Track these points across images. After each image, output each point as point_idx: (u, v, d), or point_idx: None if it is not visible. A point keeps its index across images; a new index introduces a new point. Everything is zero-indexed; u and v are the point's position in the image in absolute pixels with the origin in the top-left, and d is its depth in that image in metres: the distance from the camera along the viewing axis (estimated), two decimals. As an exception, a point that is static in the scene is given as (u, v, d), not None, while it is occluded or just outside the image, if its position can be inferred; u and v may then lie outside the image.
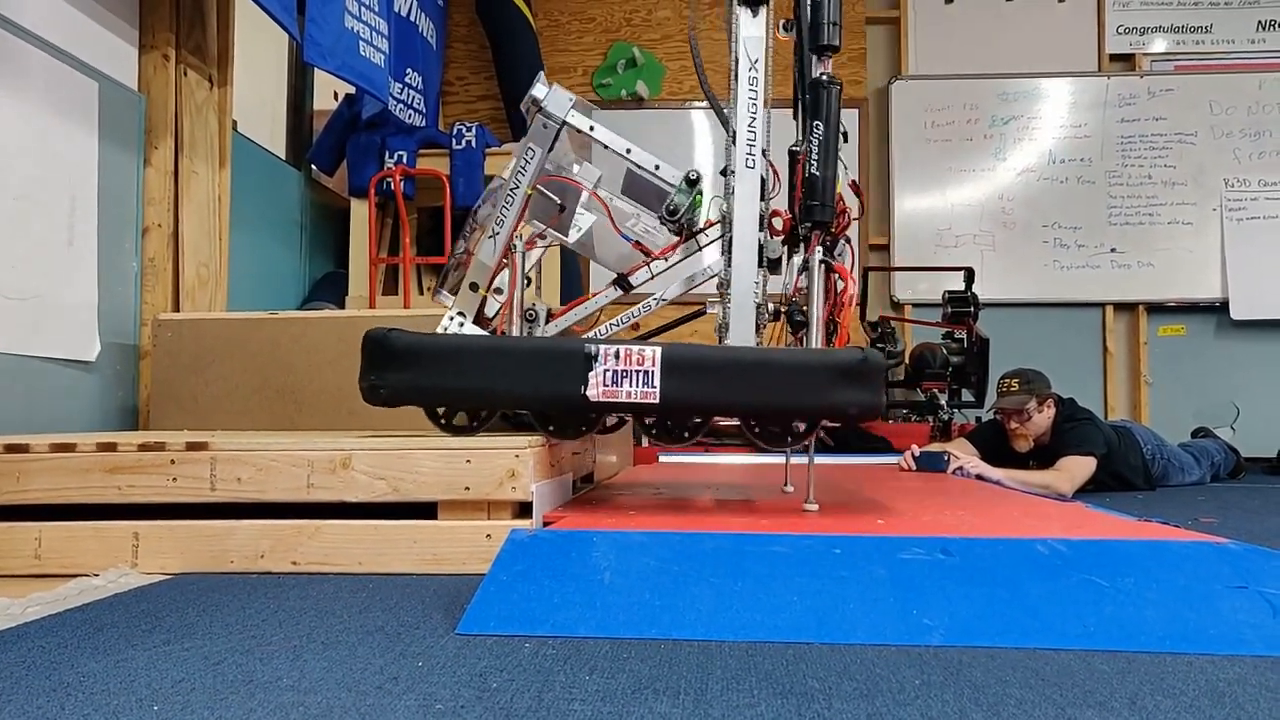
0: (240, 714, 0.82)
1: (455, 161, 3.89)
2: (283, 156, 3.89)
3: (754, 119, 1.70)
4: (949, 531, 1.42)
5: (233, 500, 1.53)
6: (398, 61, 3.98)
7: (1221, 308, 4.95)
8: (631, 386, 1.50)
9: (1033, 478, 2.93)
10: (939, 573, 1.20)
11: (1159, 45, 5.14)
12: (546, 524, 1.53)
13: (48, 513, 1.54)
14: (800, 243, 1.75)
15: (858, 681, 0.92)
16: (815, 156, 1.64)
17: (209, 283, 2.89)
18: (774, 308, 1.79)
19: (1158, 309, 5.05)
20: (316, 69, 3.68)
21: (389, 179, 3.81)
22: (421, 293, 3.97)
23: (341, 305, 3.86)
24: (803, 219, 1.67)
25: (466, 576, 1.43)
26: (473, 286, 1.82)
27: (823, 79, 1.66)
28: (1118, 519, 1.75)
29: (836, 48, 1.67)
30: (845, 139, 1.68)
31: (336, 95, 4.26)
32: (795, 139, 1.74)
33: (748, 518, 1.57)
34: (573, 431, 1.67)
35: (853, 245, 1.80)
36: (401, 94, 4.11)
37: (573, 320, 1.91)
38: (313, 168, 4.09)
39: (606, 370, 1.51)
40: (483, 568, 1.27)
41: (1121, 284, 5.03)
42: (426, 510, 1.53)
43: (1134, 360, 5.05)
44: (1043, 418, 3.18)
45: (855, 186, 1.75)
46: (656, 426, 1.63)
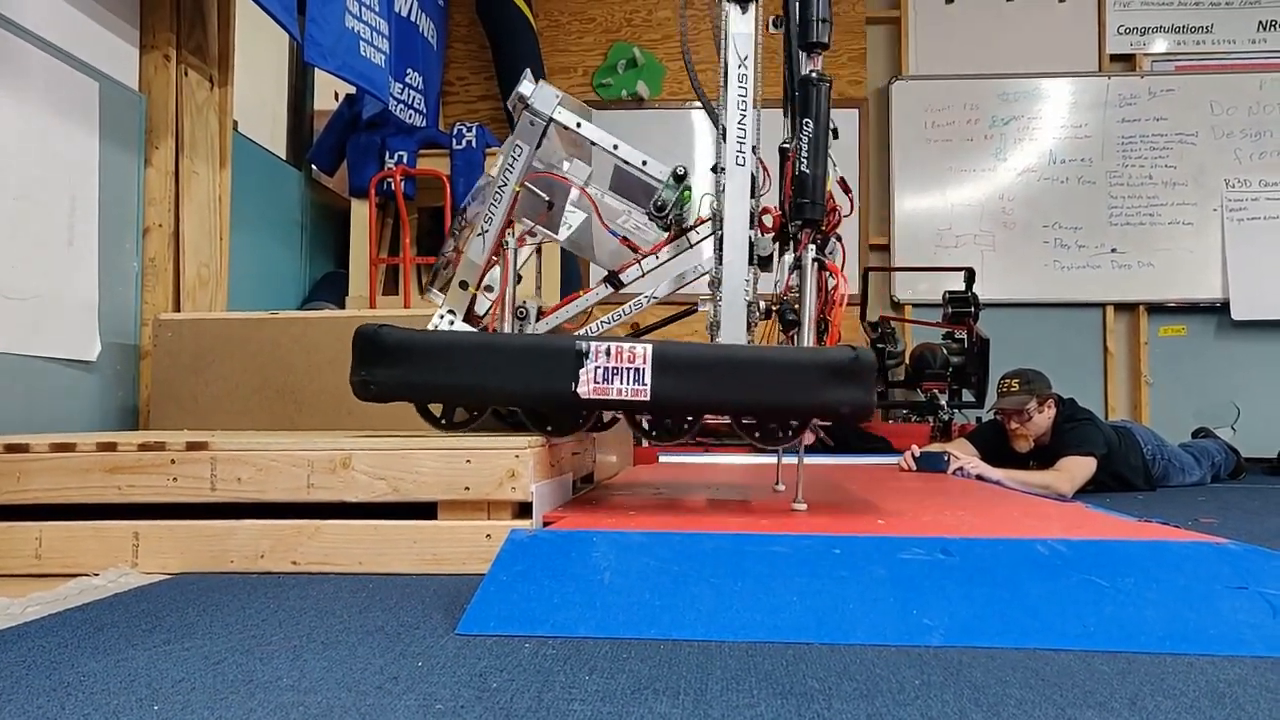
0: (240, 714, 0.82)
1: (455, 162, 3.90)
2: (283, 157, 3.89)
3: (744, 116, 1.69)
4: (949, 532, 1.42)
5: (233, 500, 1.53)
6: (398, 61, 3.98)
7: (1222, 308, 4.95)
8: (622, 384, 1.50)
9: (1033, 478, 2.92)
10: (939, 573, 1.20)
11: (1160, 45, 5.14)
12: (546, 524, 1.53)
13: (48, 512, 1.54)
14: (791, 240, 1.74)
15: (858, 682, 0.92)
16: (805, 154, 1.63)
17: (209, 283, 2.89)
18: (765, 306, 1.78)
19: (1158, 309, 5.05)
20: (317, 69, 3.68)
21: (389, 179, 3.82)
22: (422, 293, 3.97)
23: (342, 305, 3.86)
24: (793, 216, 1.67)
25: (466, 576, 1.43)
26: (462, 284, 1.82)
27: (812, 76, 1.65)
28: (1118, 519, 1.75)
29: (826, 45, 1.66)
30: (835, 136, 1.68)
31: (337, 95, 4.26)
32: (785, 136, 1.74)
33: (747, 518, 1.57)
34: (564, 429, 1.66)
35: (843, 243, 1.80)
36: (402, 94, 4.12)
37: (564, 318, 1.90)
38: (313, 168, 4.09)
39: (597, 367, 1.50)
40: (482, 568, 1.27)
41: (1122, 284, 5.03)
42: (426, 510, 1.53)
43: (1134, 360, 5.05)
44: (1043, 418, 3.18)
45: (844, 184, 1.74)
46: (647, 424, 1.62)
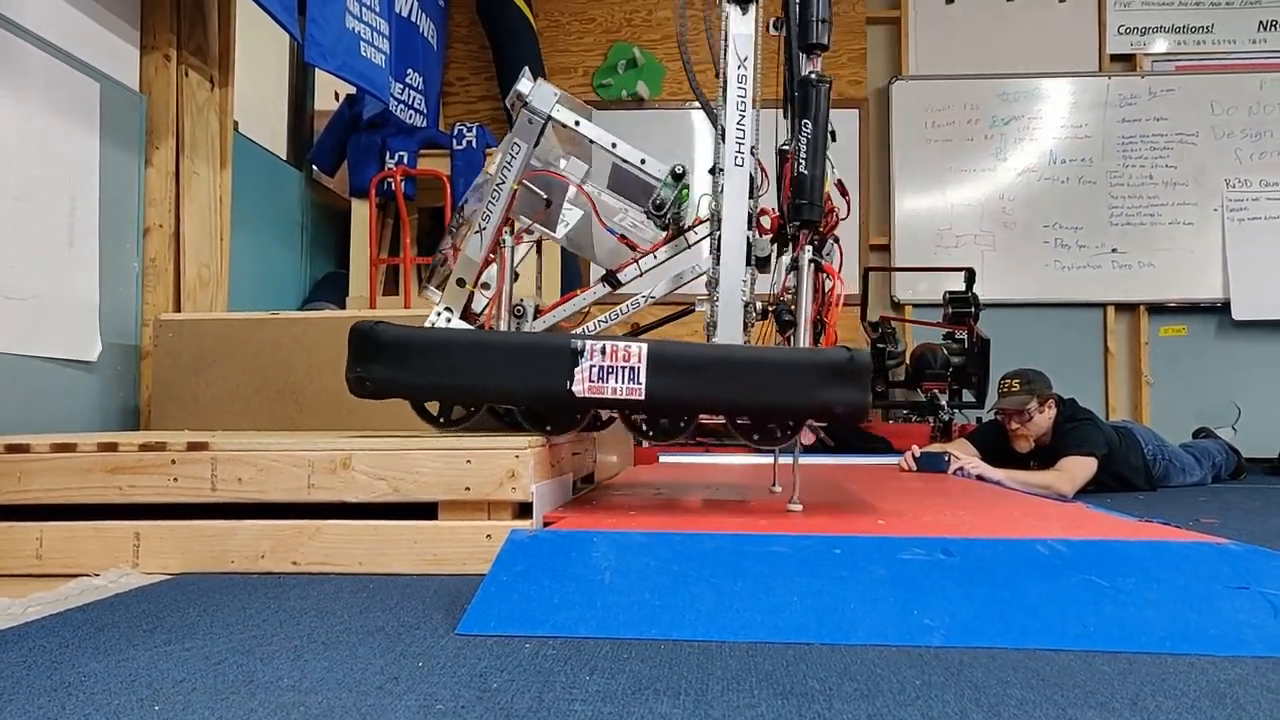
0: (241, 714, 0.82)
1: (456, 162, 3.90)
2: (284, 157, 3.89)
3: (743, 117, 1.69)
4: (949, 532, 1.42)
5: (233, 500, 1.53)
6: (398, 62, 3.98)
7: (1223, 308, 4.95)
8: (617, 383, 1.50)
9: (1033, 478, 2.92)
10: (939, 573, 1.20)
11: (1160, 45, 5.14)
12: (547, 524, 1.53)
13: (49, 513, 1.54)
14: (788, 242, 1.74)
15: (858, 682, 0.92)
16: (803, 155, 1.63)
17: (210, 283, 2.89)
18: (762, 306, 1.78)
19: (1159, 309, 5.05)
20: (317, 69, 3.68)
21: (390, 179, 3.82)
22: (422, 293, 3.97)
23: (342, 305, 3.87)
24: (791, 218, 1.66)
25: (467, 577, 1.43)
26: (459, 281, 1.82)
27: (811, 77, 1.65)
28: (1118, 519, 1.75)
29: (825, 46, 1.66)
30: (833, 138, 1.67)
31: (337, 96, 4.26)
32: (785, 138, 1.73)
33: (747, 518, 1.57)
34: (561, 427, 1.66)
35: (841, 245, 1.80)
36: (402, 94, 4.12)
37: (561, 316, 1.90)
38: (314, 168, 4.09)
39: (593, 366, 1.50)
40: (483, 568, 1.27)
41: (1122, 284, 5.02)
42: (427, 510, 1.53)
43: (1135, 360, 5.05)
44: (1043, 418, 3.18)
45: (841, 187, 1.74)
46: (643, 423, 1.62)
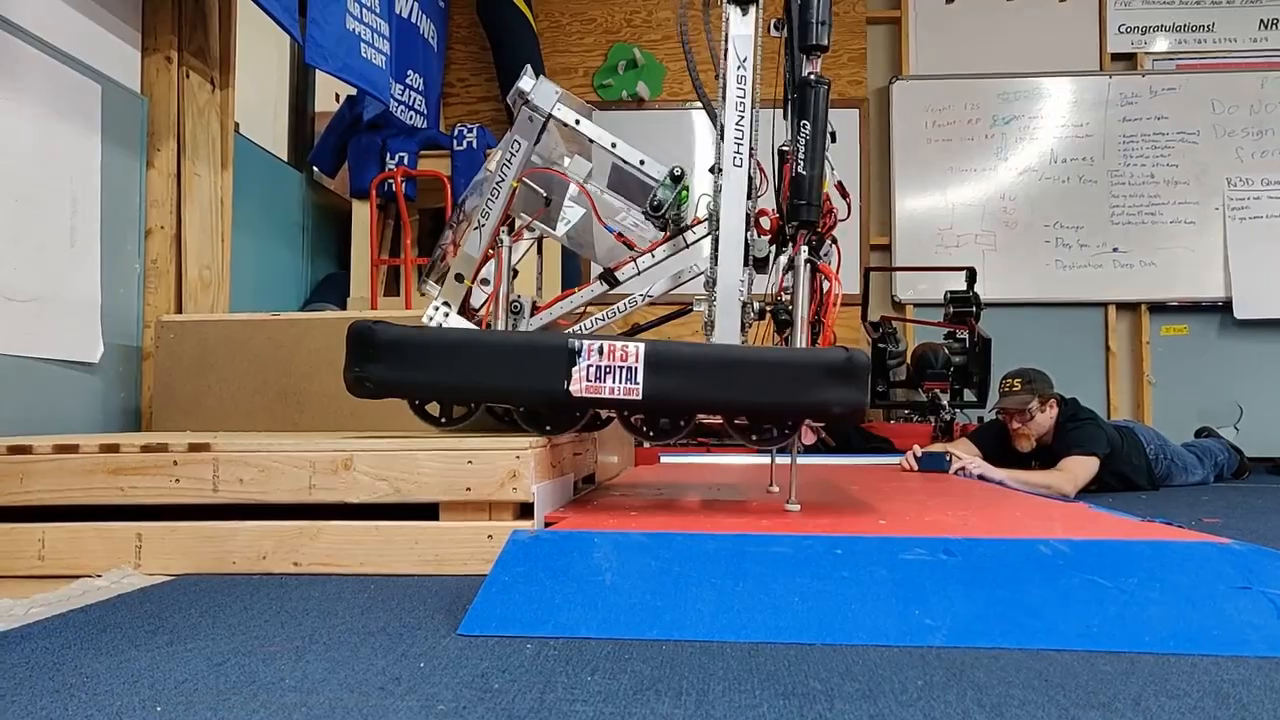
0: (243, 715, 0.82)
1: (456, 163, 3.90)
2: (284, 158, 3.90)
3: (742, 117, 1.69)
4: (951, 532, 1.42)
5: (235, 501, 1.53)
6: (399, 63, 3.98)
7: (1224, 307, 4.94)
8: (615, 382, 1.50)
9: (1035, 478, 2.92)
10: (941, 573, 1.20)
11: (1161, 44, 5.13)
12: (548, 525, 1.53)
13: (51, 514, 1.54)
14: (787, 242, 1.75)
15: (860, 682, 0.92)
16: (802, 156, 1.63)
17: (211, 284, 2.90)
18: (759, 307, 1.79)
19: (1160, 308, 5.04)
20: (318, 70, 3.68)
21: (390, 180, 3.82)
22: (420, 288, 3.97)
23: (343, 306, 3.87)
24: (789, 218, 1.67)
25: (468, 577, 1.43)
26: (458, 278, 1.82)
27: (810, 78, 1.65)
28: (1120, 519, 1.75)
29: (825, 47, 1.66)
30: (833, 139, 1.67)
31: (338, 97, 4.26)
32: (784, 138, 1.74)
33: (748, 518, 1.57)
34: (559, 427, 1.66)
35: (839, 246, 1.80)
36: (402, 95, 4.12)
37: (558, 314, 1.91)
38: (314, 169, 4.09)
39: (590, 366, 1.50)
40: (484, 569, 1.27)
41: (1124, 283, 5.02)
42: (428, 511, 1.53)
43: (1137, 360, 5.05)
44: (1045, 418, 3.17)
45: (841, 188, 1.74)
46: (640, 423, 1.62)
